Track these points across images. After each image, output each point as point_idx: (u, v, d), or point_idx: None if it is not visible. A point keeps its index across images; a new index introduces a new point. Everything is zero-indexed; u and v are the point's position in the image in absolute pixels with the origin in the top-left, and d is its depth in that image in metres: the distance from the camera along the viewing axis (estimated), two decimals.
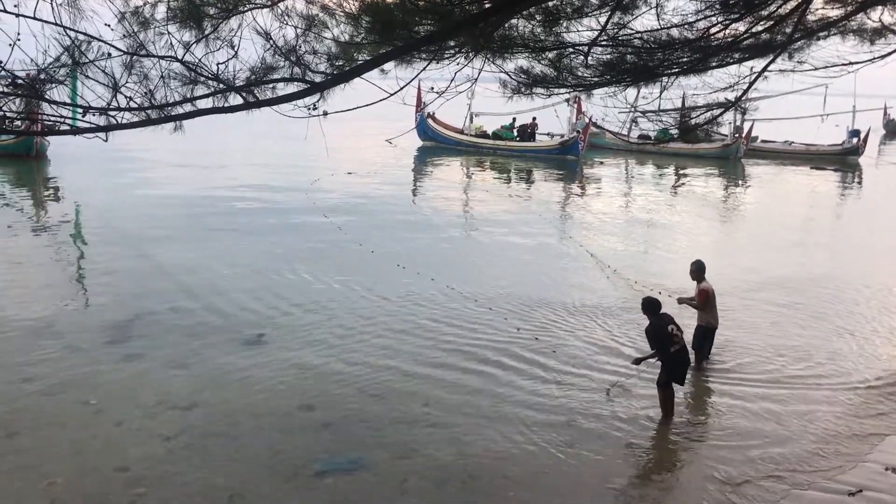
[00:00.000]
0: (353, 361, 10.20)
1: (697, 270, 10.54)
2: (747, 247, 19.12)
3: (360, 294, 13.13)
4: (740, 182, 33.78)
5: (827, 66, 7.90)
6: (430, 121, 39.91)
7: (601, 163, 36.77)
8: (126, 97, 5.64)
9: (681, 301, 10.73)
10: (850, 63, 7.89)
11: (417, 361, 10.28)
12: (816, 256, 18.06)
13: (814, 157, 40.95)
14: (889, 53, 7.64)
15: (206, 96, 5.83)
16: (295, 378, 9.64)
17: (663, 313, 8.96)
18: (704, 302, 10.37)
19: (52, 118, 5.78)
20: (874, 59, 7.70)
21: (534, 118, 38.16)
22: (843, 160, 40.62)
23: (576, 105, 35.38)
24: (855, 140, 41.78)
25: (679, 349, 8.80)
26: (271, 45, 5.99)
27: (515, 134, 39.09)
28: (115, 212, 19.93)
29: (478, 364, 10.28)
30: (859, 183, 35.48)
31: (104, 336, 10.82)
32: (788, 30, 7.26)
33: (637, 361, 9.42)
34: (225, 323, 11.51)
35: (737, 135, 38.49)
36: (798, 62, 7.83)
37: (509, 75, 7.60)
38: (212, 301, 12.47)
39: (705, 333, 10.53)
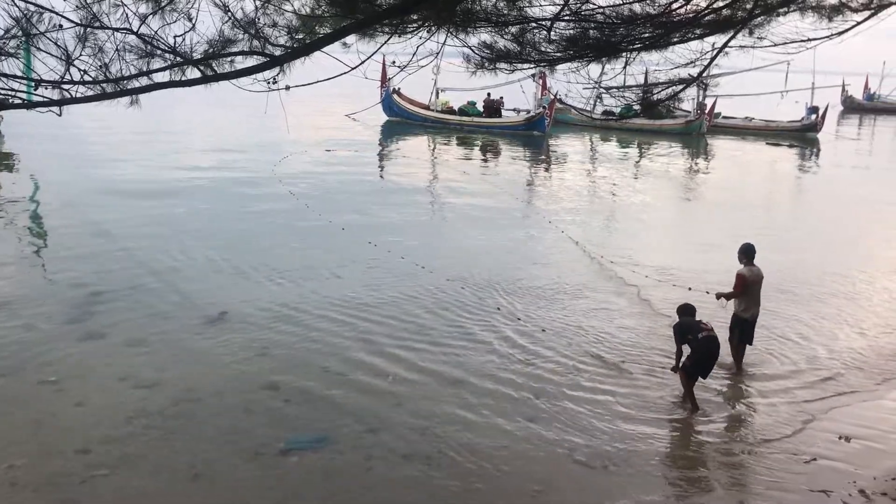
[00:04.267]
0: (316, 340, 10.15)
1: (741, 253, 9.74)
2: (709, 222, 19.41)
3: (325, 272, 13.06)
4: (703, 157, 34.19)
5: (786, 43, 7.95)
6: (395, 96, 39.60)
7: (564, 139, 36.92)
8: (80, 70, 5.50)
9: (720, 296, 9.80)
10: (809, 39, 7.95)
11: (384, 338, 10.28)
12: (775, 234, 18.38)
13: (773, 133, 41.63)
14: (846, 30, 7.71)
15: (163, 69, 5.71)
16: (258, 356, 9.58)
17: (698, 319, 8.83)
18: (742, 289, 9.57)
19: (3, 92, 5.63)
20: (831, 35, 7.75)
21: (489, 93, 37.73)
22: (802, 136, 41.36)
23: (541, 81, 35.35)
24: (813, 116, 42.48)
25: (708, 335, 8.53)
26: (229, 18, 5.87)
27: (481, 110, 38.98)
28: (72, 188, 19.52)
29: (445, 341, 10.31)
30: (817, 158, 36.13)
31: (63, 315, 10.64)
32: (749, 6, 7.30)
33: (675, 369, 8.94)
34: (187, 301, 11.37)
35: (699, 111, 38.86)
36: (758, 38, 7.86)
37: (473, 50, 7.54)
38: (173, 279, 12.32)
39: (734, 323, 9.76)
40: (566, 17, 7.09)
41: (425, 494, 7.01)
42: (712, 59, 7.72)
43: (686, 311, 8.97)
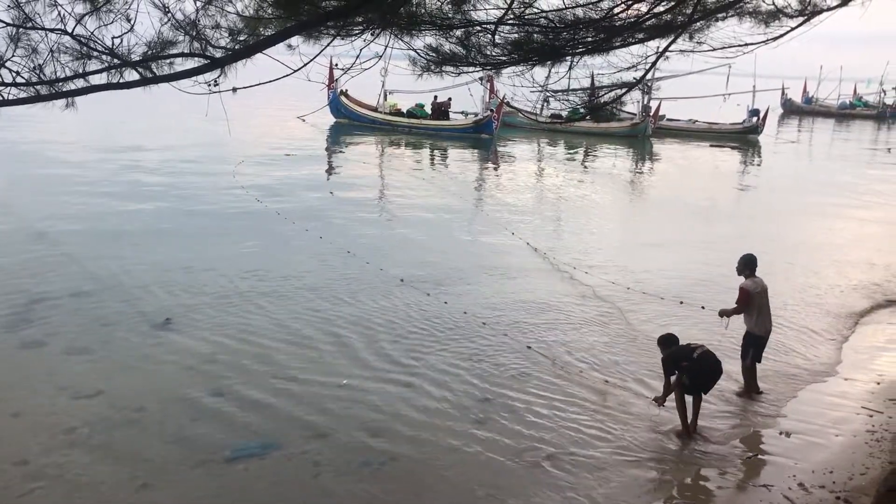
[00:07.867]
0: (263, 347, 10.00)
1: (744, 265, 9.16)
2: (655, 222, 19.74)
3: (275, 278, 12.88)
4: (649, 159, 34.81)
5: (725, 47, 8.11)
6: (343, 98, 39.36)
7: (511, 141, 37.22)
8: (12, 72, 5.35)
9: (723, 314, 9.25)
10: (747, 44, 8.13)
11: (332, 344, 10.21)
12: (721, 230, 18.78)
13: (716, 136, 42.66)
14: (782, 35, 7.91)
15: (100, 71, 5.58)
16: (203, 363, 9.40)
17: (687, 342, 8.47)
18: (745, 303, 9.03)
19: None
20: (768, 40, 7.94)
21: (436, 96, 37.84)
22: (744, 138, 42.50)
23: (488, 84, 35.54)
24: (755, 119, 43.72)
25: (703, 351, 8.17)
26: (169, 19, 5.76)
27: (429, 112, 38.98)
28: (8, 191, 18.90)
29: (390, 350, 10.26)
30: (758, 159, 37.13)
31: None
32: (688, 10, 7.44)
33: (658, 399, 8.52)
34: (131, 308, 11.10)
35: (645, 114, 39.55)
36: (698, 42, 8.02)
37: (418, 53, 7.53)
38: (116, 285, 12.01)
39: (747, 341, 9.21)
40: (510, 22, 7.13)
41: (374, 501, 6.96)
42: (654, 62, 7.83)
43: (669, 341, 8.49)
